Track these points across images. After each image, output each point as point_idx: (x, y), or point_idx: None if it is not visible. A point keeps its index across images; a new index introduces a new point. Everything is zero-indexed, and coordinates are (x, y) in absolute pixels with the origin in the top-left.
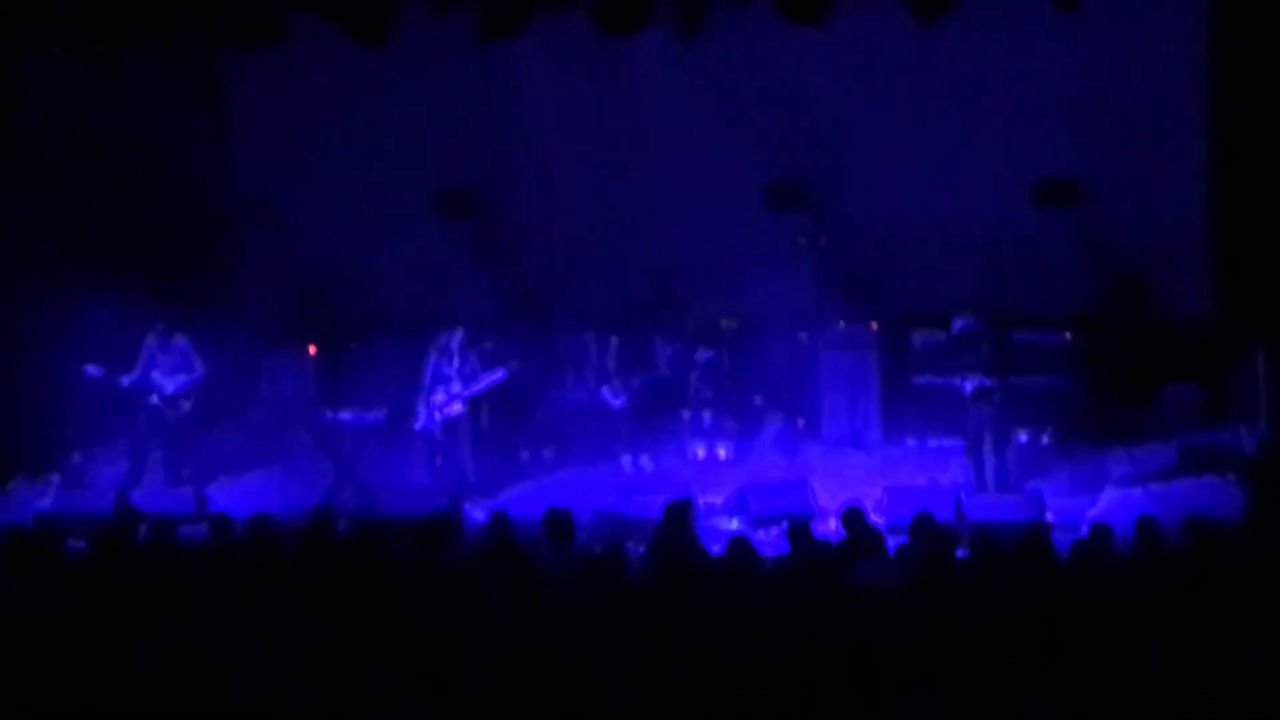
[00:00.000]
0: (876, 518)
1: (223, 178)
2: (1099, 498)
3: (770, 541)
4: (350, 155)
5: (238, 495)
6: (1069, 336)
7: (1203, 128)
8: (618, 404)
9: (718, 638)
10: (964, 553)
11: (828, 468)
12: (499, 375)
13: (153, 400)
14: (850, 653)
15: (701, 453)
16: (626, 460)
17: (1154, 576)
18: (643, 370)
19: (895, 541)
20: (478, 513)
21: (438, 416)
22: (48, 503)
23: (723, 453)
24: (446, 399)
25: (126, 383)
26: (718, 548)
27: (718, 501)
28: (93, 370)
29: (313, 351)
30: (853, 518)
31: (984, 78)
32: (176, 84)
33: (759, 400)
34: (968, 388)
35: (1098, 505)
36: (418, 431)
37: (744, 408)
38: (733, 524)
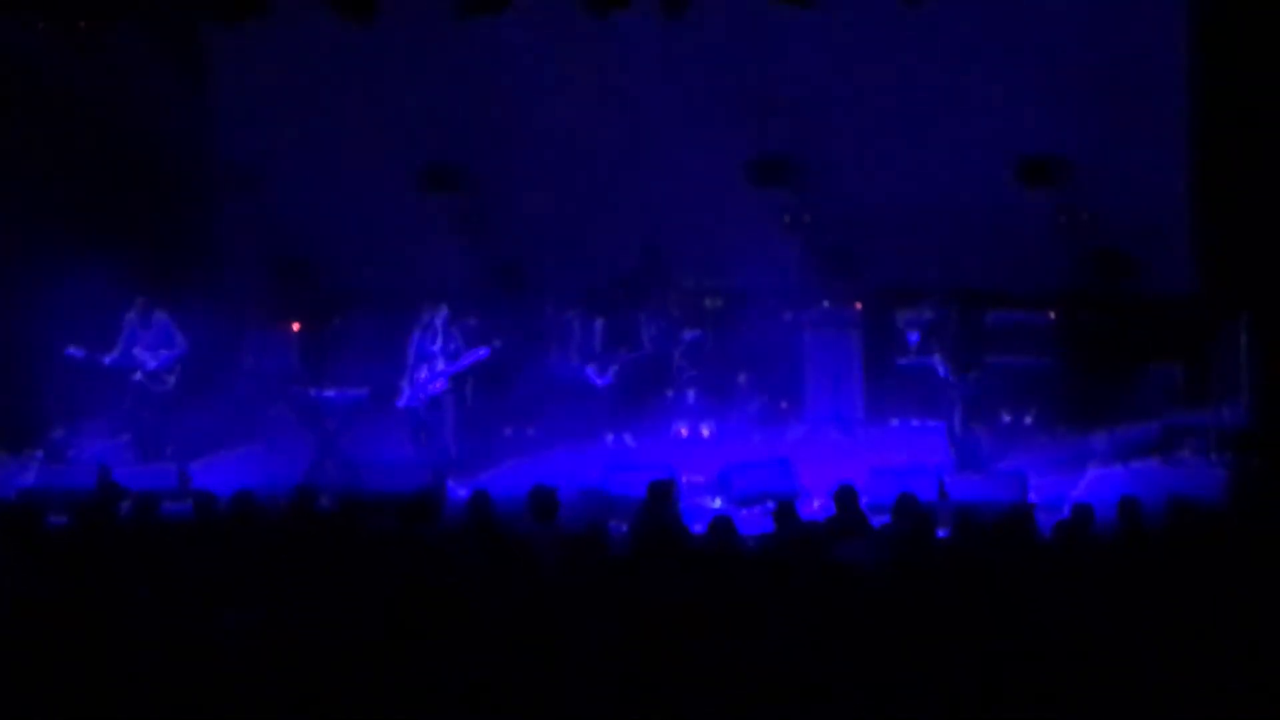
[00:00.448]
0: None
1: (206, 153)
2: (1081, 477)
3: (753, 520)
4: (334, 130)
5: (220, 471)
6: (1052, 316)
7: (1186, 104)
8: (601, 382)
9: (700, 616)
10: (946, 533)
11: (811, 447)
12: (483, 353)
13: (136, 377)
14: (832, 632)
15: (685, 431)
16: (610, 438)
17: (1136, 556)
18: (627, 349)
19: (878, 521)
20: (461, 490)
21: (421, 394)
22: (30, 478)
23: (706, 431)
24: (430, 376)
25: (108, 361)
26: (700, 527)
27: (701, 480)
28: (74, 352)
29: (296, 327)
30: (845, 496)
31: (967, 55)
32: (161, 58)
33: (743, 379)
34: (941, 370)
35: (1080, 485)
36: (401, 408)
37: (728, 387)
38: (715, 503)
